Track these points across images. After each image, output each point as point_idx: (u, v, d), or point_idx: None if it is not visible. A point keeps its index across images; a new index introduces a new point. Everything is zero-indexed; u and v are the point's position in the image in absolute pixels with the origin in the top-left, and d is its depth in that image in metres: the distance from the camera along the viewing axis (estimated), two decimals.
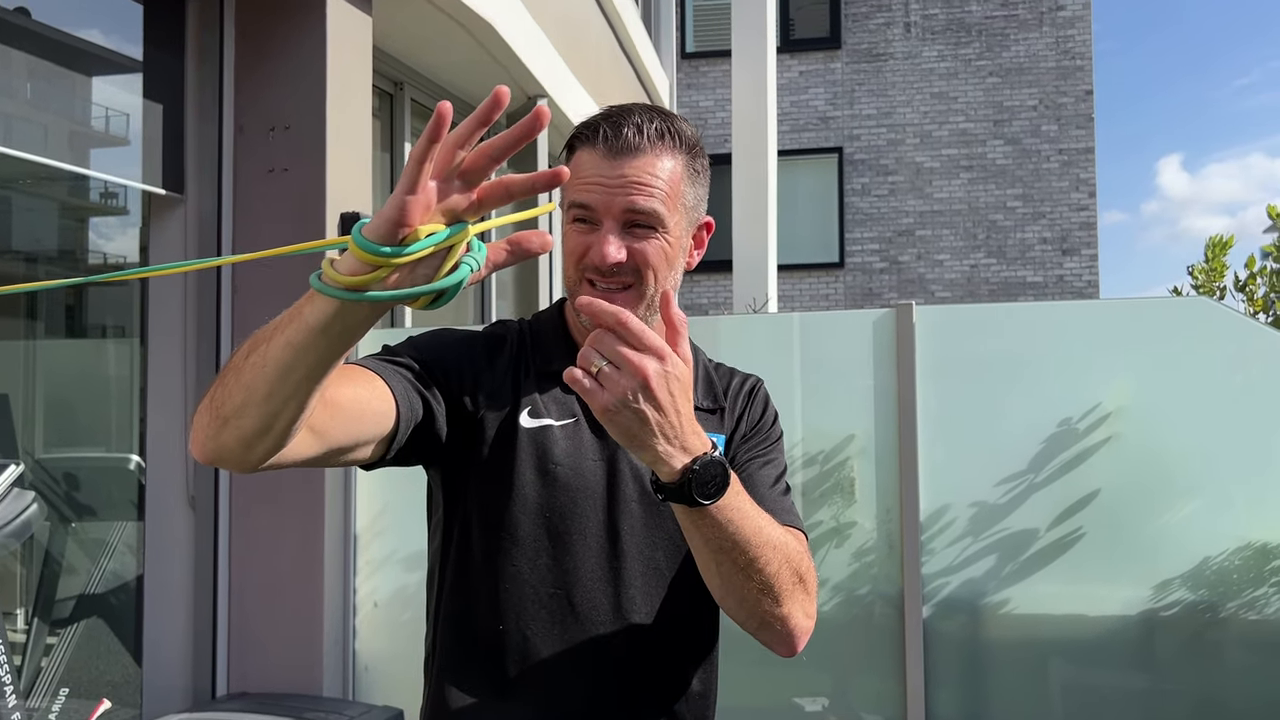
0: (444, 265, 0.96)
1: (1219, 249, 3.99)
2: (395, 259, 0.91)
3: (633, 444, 1.09)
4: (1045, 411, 3.00)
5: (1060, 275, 11.92)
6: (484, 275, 1.01)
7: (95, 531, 3.80)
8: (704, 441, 1.12)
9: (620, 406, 1.06)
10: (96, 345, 4.36)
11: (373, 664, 3.48)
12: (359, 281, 0.93)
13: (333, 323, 0.96)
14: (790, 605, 1.22)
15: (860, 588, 3.10)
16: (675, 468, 1.09)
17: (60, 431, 3.94)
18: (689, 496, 1.10)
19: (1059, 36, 12.09)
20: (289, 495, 3.40)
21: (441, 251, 0.95)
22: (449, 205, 0.94)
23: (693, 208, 1.37)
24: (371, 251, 0.91)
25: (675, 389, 1.08)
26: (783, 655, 1.28)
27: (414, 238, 0.92)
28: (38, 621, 3.54)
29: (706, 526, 1.14)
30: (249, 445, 1.03)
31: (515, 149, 0.93)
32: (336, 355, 0.99)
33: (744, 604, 1.21)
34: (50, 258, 4.32)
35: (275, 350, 0.98)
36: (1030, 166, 12.04)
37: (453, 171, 0.93)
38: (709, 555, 1.17)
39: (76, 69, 3.27)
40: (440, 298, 0.98)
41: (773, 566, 1.18)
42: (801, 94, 12.52)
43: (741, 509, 1.15)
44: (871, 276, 12.29)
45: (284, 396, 1.00)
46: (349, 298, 0.93)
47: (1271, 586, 2.85)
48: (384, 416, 1.22)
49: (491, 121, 0.91)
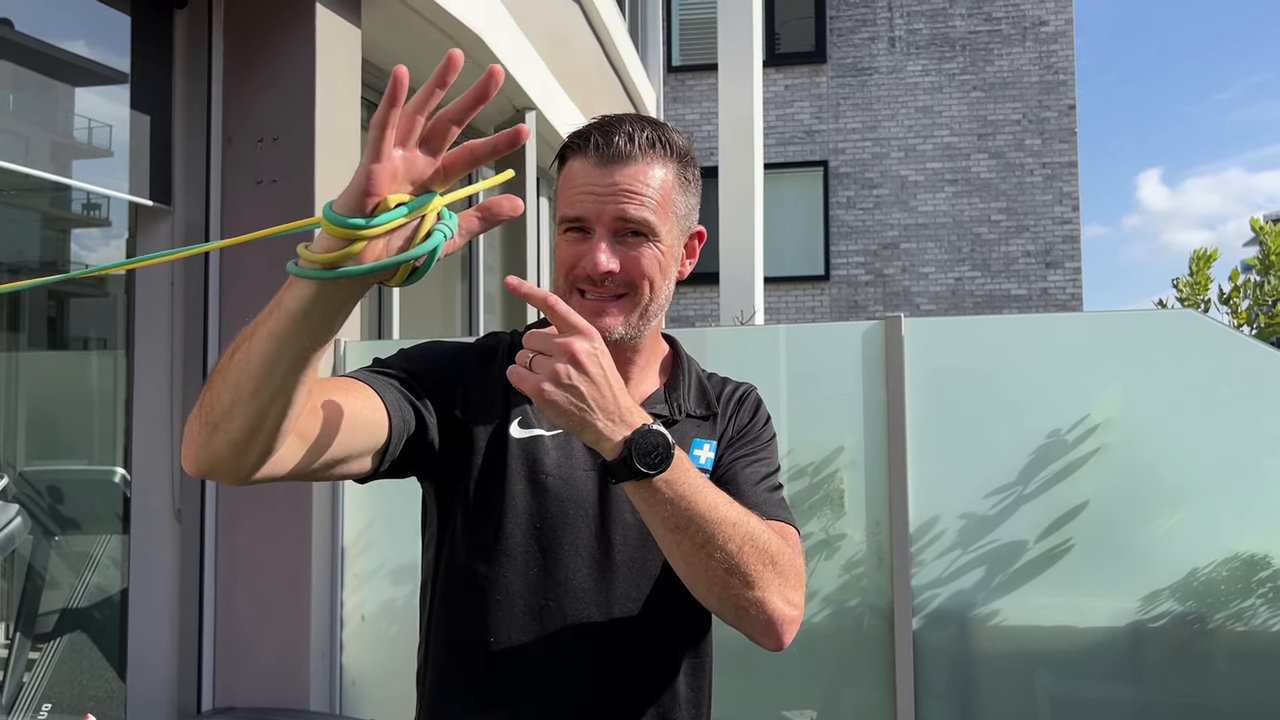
0: (416, 236, 0.96)
1: (1203, 262, 4.03)
2: (367, 230, 0.91)
3: (572, 423, 1.10)
4: (1034, 423, 3.02)
5: (1044, 288, 11.99)
6: (460, 245, 1.02)
7: (79, 545, 3.77)
8: (643, 416, 1.14)
9: (554, 385, 1.07)
10: (81, 356, 4.33)
11: (360, 677, 3.45)
12: (334, 258, 0.92)
13: (313, 306, 0.95)
14: (764, 589, 1.20)
15: (850, 599, 3.10)
16: (616, 441, 1.10)
17: (44, 443, 3.91)
18: (634, 468, 1.11)
19: (1042, 52, 12.19)
20: (276, 507, 3.38)
21: (414, 224, 0.95)
22: (416, 175, 0.95)
23: (684, 216, 1.38)
24: (342, 225, 0.91)
25: (605, 364, 1.11)
26: (770, 648, 1.25)
27: (384, 208, 0.92)
28: (20, 636, 3.50)
29: (658, 503, 1.14)
30: (240, 450, 1.03)
31: (473, 112, 0.95)
32: (320, 343, 0.99)
33: (712, 587, 1.20)
34: (33, 269, 4.29)
35: (259, 343, 0.98)
36: (1014, 180, 12.12)
37: (415, 139, 0.94)
38: (667, 536, 1.17)
39: (62, 79, 3.26)
40: (416, 271, 0.97)
41: (733, 544, 1.17)
42: (787, 108, 12.57)
43: (692, 484, 1.15)
44: (857, 289, 12.34)
45: (272, 391, 0.99)
46: (325, 275, 0.93)
47: (1259, 598, 2.87)
48: (376, 426, 1.21)
49: (447, 85, 0.92)
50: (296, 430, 1.09)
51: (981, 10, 12.34)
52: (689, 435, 1.40)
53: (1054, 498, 2.97)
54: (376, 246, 0.94)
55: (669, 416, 1.39)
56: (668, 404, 1.41)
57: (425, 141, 0.95)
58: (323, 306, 0.96)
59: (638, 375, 1.42)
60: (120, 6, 3.30)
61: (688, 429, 1.40)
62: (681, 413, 1.41)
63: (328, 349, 1.02)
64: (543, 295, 1.09)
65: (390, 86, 0.90)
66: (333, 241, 0.93)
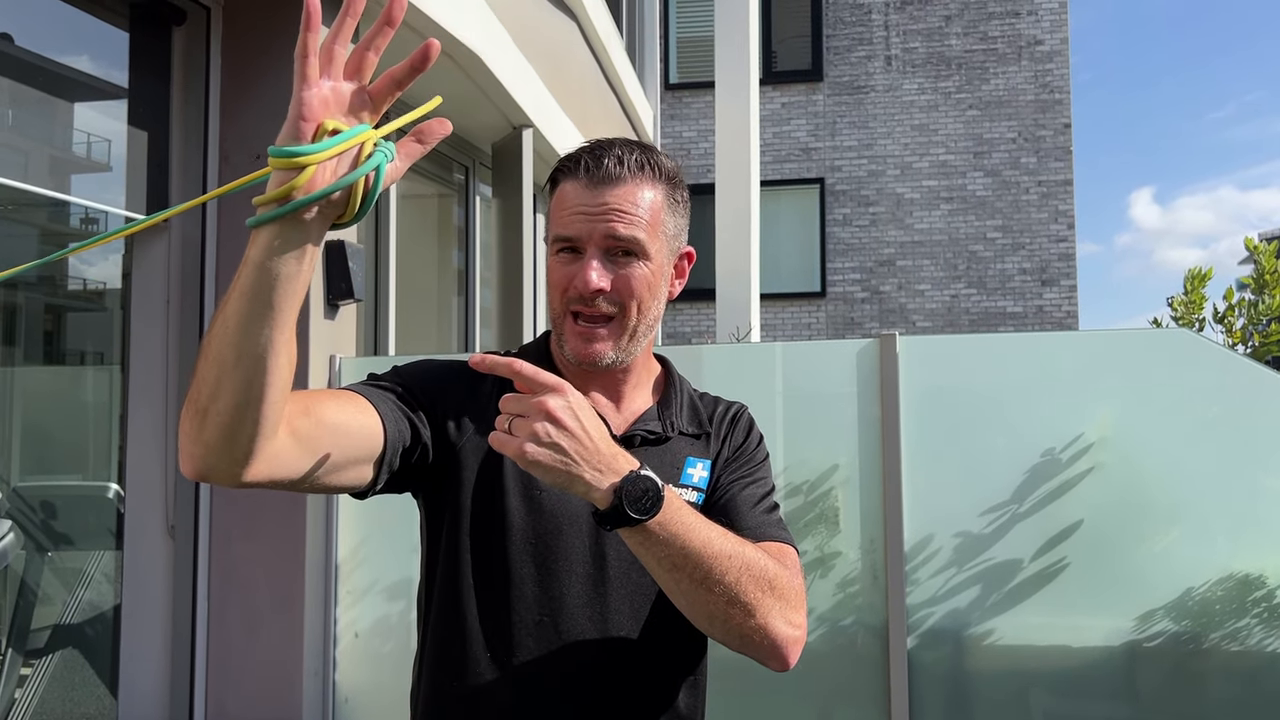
0: (358, 162, 1.01)
1: (1198, 281, 4.03)
2: (310, 156, 0.96)
3: (561, 480, 1.11)
4: (1028, 441, 3.02)
5: (1040, 306, 12.01)
6: (402, 170, 1.06)
7: (72, 560, 3.75)
8: (630, 462, 1.15)
9: (536, 445, 1.09)
10: (75, 371, 4.32)
11: (353, 695, 3.44)
12: (283, 192, 0.96)
13: (276, 252, 0.98)
14: (765, 615, 1.21)
15: (844, 618, 3.10)
16: (604, 489, 1.11)
17: (38, 458, 3.90)
18: (625, 515, 1.11)
19: (1038, 71, 12.24)
20: (270, 524, 3.37)
21: (354, 153, 1.00)
22: (345, 104, 1.00)
23: (674, 237, 1.39)
24: (285, 155, 0.96)
25: (583, 416, 1.12)
26: (776, 669, 1.27)
27: (323, 133, 0.97)
28: (11, 652, 3.48)
29: (653, 545, 1.15)
30: (231, 435, 1.04)
31: (413, 77, 1.02)
32: (290, 295, 1.01)
33: (714, 620, 1.21)
34: (31, 283, 4.29)
35: (233, 306, 1.00)
36: (1009, 198, 12.15)
37: (339, 71, 0.99)
38: (665, 575, 1.18)
39: (61, 95, 3.27)
40: (366, 200, 1.01)
41: (730, 576, 1.18)
42: (784, 125, 12.61)
43: (685, 522, 1.16)
44: (853, 306, 12.35)
45: (253, 356, 1.01)
46: (280, 213, 0.97)
47: (1254, 617, 2.86)
48: (372, 433, 1.23)
49: (358, 15, 0.98)
50: (289, 427, 1.11)
51: (977, 29, 12.39)
52: (682, 453, 1.40)
53: (1049, 516, 2.97)
54: (324, 175, 0.98)
55: (662, 434, 1.40)
56: (660, 421, 1.41)
57: (349, 75, 1.01)
58: (285, 250, 0.99)
59: (630, 394, 1.43)
60: (119, 23, 3.31)
61: (681, 447, 1.41)
62: (674, 430, 1.41)
63: (299, 303, 1.03)
64: (506, 362, 1.10)
65: (305, 15, 0.96)
66: (281, 177, 0.97)
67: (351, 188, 1.00)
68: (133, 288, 3.50)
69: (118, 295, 3.70)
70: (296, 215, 0.98)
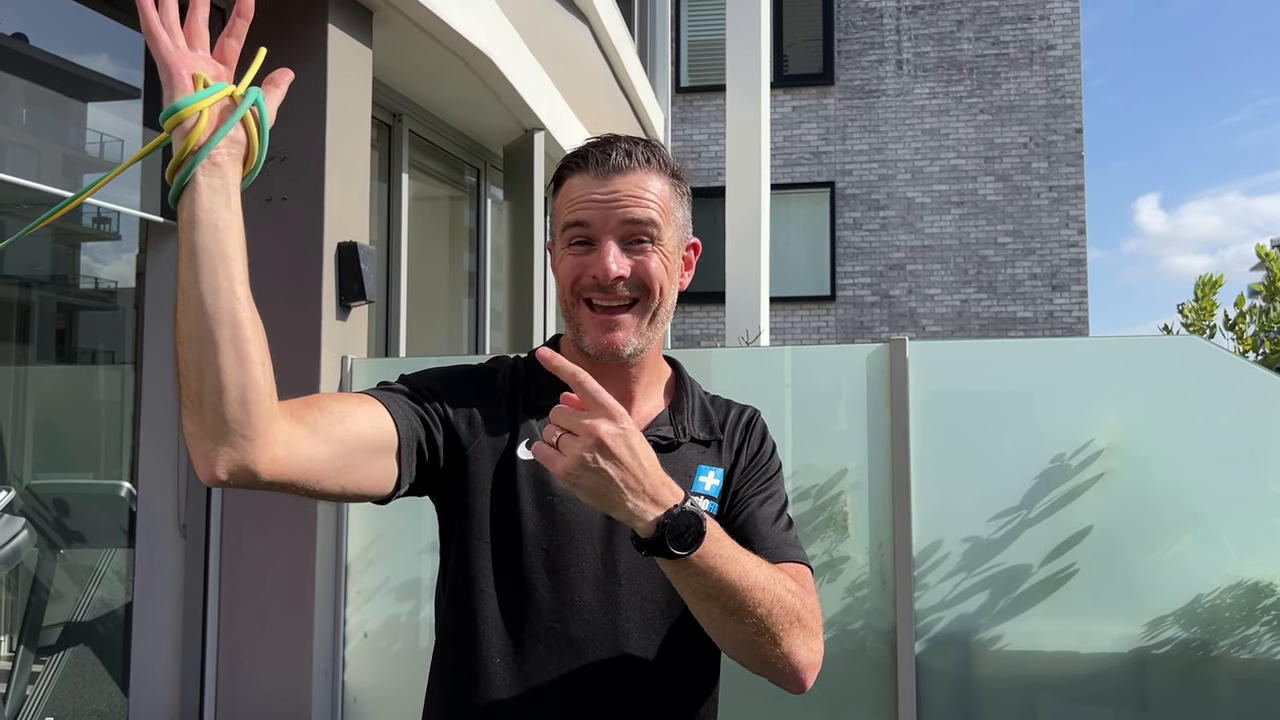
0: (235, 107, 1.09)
1: (1209, 288, 4.02)
2: (193, 104, 1.05)
3: (602, 503, 1.10)
4: (1038, 447, 3.01)
5: (1050, 311, 11.97)
6: (272, 111, 1.14)
7: (85, 558, 3.78)
8: (675, 493, 1.13)
9: (580, 469, 1.08)
10: (88, 370, 4.34)
11: (362, 695, 3.45)
12: (182, 149, 1.06)
13: (206, 208, 1.05)
14: (790, 643, 1.22)
15: (853, 622, 3.09)
16: (648, 521, 1.10)
17: (51, 457, 3.92)
18: (666, 549, 1.11)
19: (1049, 75, 12.21)
20: (281, 523, 3.38)
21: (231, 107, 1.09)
22: (197, 65, 1.07)
23: (682, 226, 1.41)
24: (171, 111, 1.05)
25: (635, 444, 1.10)
26: (792, 692, 1.28)
27: (200, 83, 1.07)
28: (24, 649, 3.50)
29: (690, 576, 1.14)
30: (233, 411, 1.05)
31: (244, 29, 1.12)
32: (234, 243, 1.06)
33: (741, 647, 1.22)
34: (44, 282, 4.31)
35: (186, 276, 1.05)
36: (1020, 203, 12.12)
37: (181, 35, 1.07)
38: (698, 603, 1.18)
39: (74, 95, 3.28)
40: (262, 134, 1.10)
41: (763, 608, 1.18)
42: (795, 129, 12.61)
43: (723, 555, 1.15)
44: (863, 310, 12.33)
45: (221, 321, 1.04)
46: (187, 169, 1.05)
47: (1263, 625, 2.86)
48: (383, 427, 1.24)
49: None
50: (295, 416, 1.12)
51: (989, 34, 12.37)
52: (694, 461, 1.39)
53: (1058, 522, 2.97)
54: (212, 128, 1.06)
55: (673, 439, 1.39)
56: (672, 426, 1.40)
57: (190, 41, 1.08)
58: (213, 201, 1.05)
59: (641, 396, 1.42)
60: (132, 23, 3.32)
61: (691, 454, 1.40)
62: (686, 435, 1.41)
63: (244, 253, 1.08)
64: (572, 370, 1.08)
65: None
66: (176, 137, 1.06)
67: (246, 127, 1.09)
68: (145, 287, 3.52)
69: (131, 294, 3.72)
70: (211, 162, 1.06)
